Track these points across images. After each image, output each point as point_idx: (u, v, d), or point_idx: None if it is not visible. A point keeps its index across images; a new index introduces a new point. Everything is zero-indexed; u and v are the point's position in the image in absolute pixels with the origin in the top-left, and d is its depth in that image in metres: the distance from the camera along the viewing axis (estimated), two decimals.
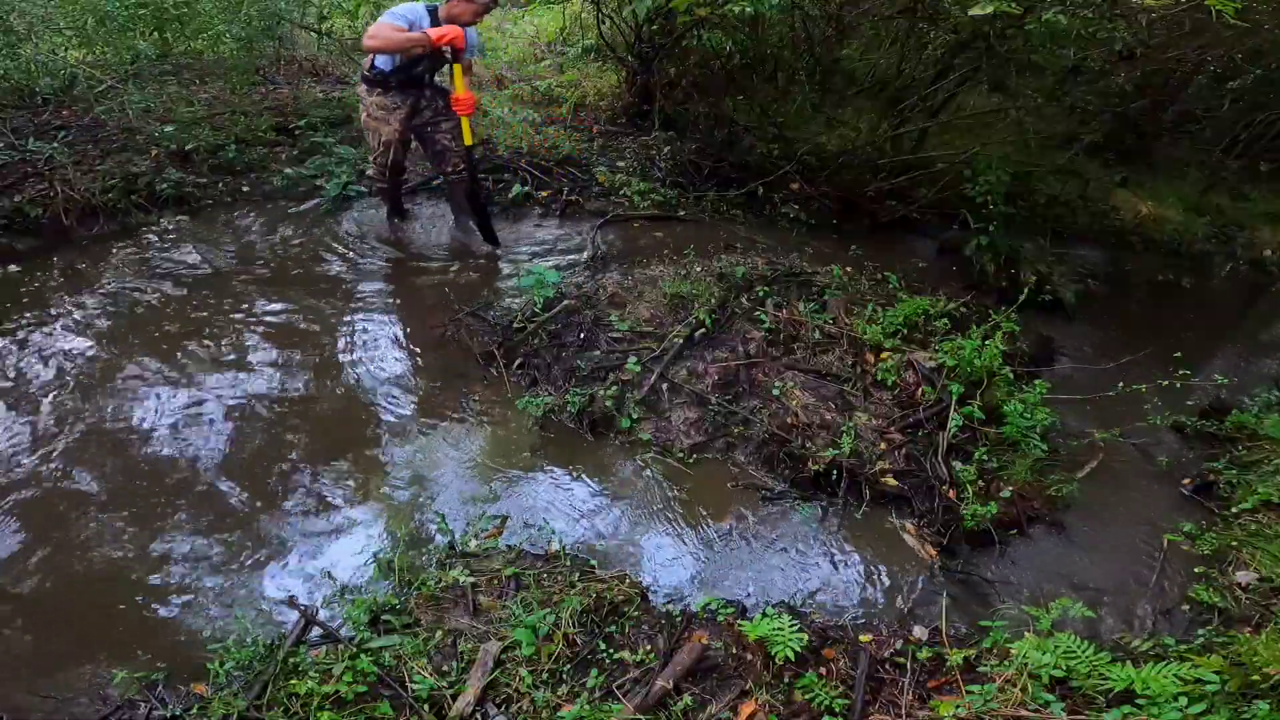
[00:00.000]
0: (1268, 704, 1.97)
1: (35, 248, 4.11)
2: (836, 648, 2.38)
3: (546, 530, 2.79)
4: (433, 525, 2.75)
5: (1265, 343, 4.91)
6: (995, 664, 2.30)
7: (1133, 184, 6.01)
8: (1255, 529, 3.04)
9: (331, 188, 4.77)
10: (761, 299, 3.90)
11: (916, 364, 3.60)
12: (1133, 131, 6.02)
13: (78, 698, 2.15)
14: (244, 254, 4.26)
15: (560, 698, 2.13)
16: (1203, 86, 5.75)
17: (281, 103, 5.58)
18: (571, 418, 3.32)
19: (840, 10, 5.26)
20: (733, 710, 2.15)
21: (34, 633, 2.33)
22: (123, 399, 3.19)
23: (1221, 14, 3.08)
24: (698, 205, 5.11)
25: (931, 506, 3.07)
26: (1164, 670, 2.07)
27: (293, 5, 5.78)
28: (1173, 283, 5.43)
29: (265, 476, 2.94)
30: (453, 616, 2.37)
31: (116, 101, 5.02)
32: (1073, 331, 4.59)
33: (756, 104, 5.37)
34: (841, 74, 5.94)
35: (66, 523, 2.66)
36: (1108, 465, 3.47)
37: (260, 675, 2.15)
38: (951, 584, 2.83)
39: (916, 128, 5.23)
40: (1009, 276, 4.66)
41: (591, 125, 5.85)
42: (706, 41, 5.28)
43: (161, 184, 4.51)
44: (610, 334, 3.66)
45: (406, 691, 2.12)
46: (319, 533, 2.74)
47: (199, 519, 2.74)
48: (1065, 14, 3.80)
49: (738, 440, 3.31)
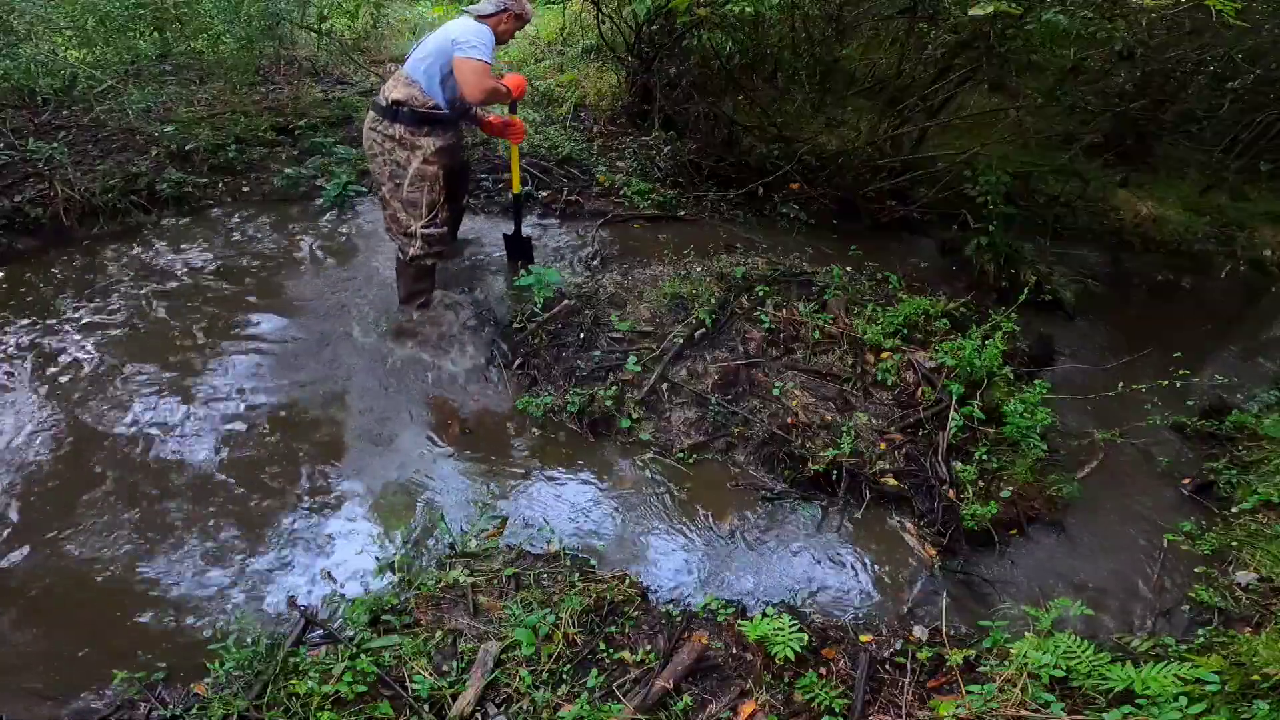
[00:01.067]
0: (1268, 704, 1.97)
1: (35, 248, 4.11)
2: (836, 648, 2.39)
3: (546, 530, 2.79)
4: (433, 525, 2.75)
5: (1265, 343, 4.91)
6: (995, 664, 2.30)
7: (1133, 184, 6.01)
8: (1255, 529, 3.04)
9: (331, 188, 4.77)
10: (761, 299, 3.90)
11: (916, 364, 3.60)
12: (1133, 131, 6.02)
13: (78, 697, 2.15)
14: (244, 254, 4.25)
15: (560, 698, 2.13)
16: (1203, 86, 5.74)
17: (281, 103, 5.58)
18: (571, 418, 3.32)
19: (840, 10, 5.26)
20: (733, 710, 2.15)
21: (34, 633, 2.33)
22: (122, 399, 3.19)
23: (1221, 14, 3.09)
24: (698, 205, 5.11)
25: (931, 506, 3.07)
26: (1164, 670, 2.07)
27: (293, 5, 5.76)
28: (1173, 283, 5.43)
29: (265, 477, 2.94)
30: (453, 616, 2.37)
31: (116, 101, 5.02)
32: (1073, 331, 4.59)
33: (756, 104, 5.37)
34: (841, 74, 5.94)
35: (67, 523, 2.66)
36: (1108, 465, 3.47)
37: (260, 675, 2.15)
38: (951, 584, 2.83)
39: (916, 128, 5.23)
40: (1009, 276, 4.65)
41: (591, 125, 5.85)
42: (706, 41, 5.28)
43: (161, 184, 4.51)
44: (610, 334, 3.66)
45: (406, 691, 2.12)
46: (319, 533, 2.75)
47: (199, 519, 2.74)
48: (1065, 14, 3.80)
49: (738, 440, 3.31)
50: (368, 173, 5.02)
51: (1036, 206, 5.41)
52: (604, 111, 6.04)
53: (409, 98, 3.31)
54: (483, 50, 3.22)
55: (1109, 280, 5.20)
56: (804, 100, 5.63)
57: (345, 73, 6.45)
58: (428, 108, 3.32)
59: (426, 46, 3.36)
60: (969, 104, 5.69)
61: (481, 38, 3.24)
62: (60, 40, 5.23)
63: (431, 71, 3.32)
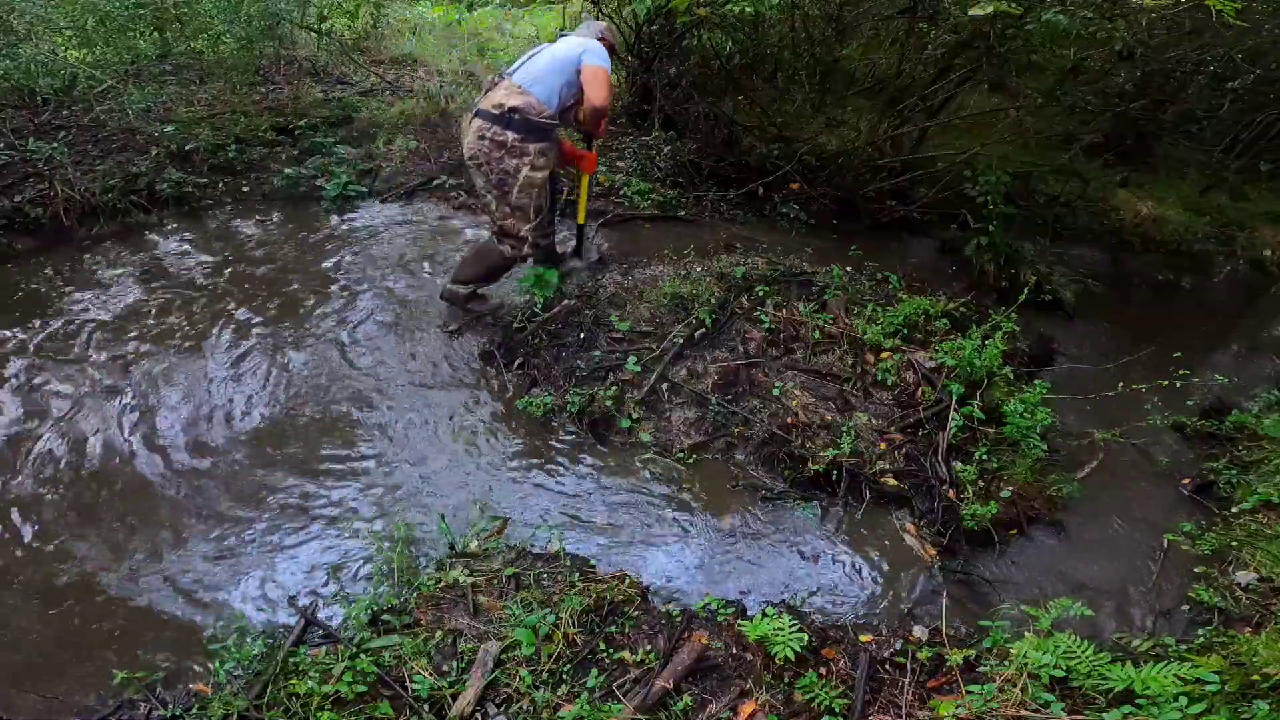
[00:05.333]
0: (1268, 704, 1.97)
1: (35, 248, 4.11)
2: (836, 648, 2.39)
3: (546, 530, 2.79)
4: (433, 525, 2.75)
5: (1265, 343, 4.91)
6: (995, 664, 2.30)
7: (1133, 184, 6.01)
8: (1255, 529, 3.04)
9: (331, 188, 4.77)
10: (761, 299, 3.90)
11: (916, 364, 3.60)
12: (1133, 131, 6.02)
13: (77, 697, 2.15)
14: (244, 254, 4.25)
15: (560, 698, 2.13)
16: (1203, 86, 5.74)
17: (281, 103, 5.58)
18: (571, 418, 3.32)
19: (840, 10, 5.26)
20: (733, 710, 2.15)
21: (34, 632, 2.33)
22: (121, 400, 3.19)
23: (1221, 14, 3.09)
24: (698, 205, 5.11)
25: (931, 506, 3.07)
26: (1164, 670, 2.07)
27: (293, 5, 5.76)
28: (1173, 283, 5.43)
29: (265, 477, 2.94)
30: (453, 616, 2.37)
31: (116, 101, 5.02)
32: (1073, 331, 4.59)
33: (756, 104, 5.37)
34: (841, 74, 5.93)
35: (67, 523, 2.67)
36: (1108, 465, 3.47)
37: (260, 675, 2.15)
38: (951, 584, 2.83)
39: (916, 128, 5.23)
40: (1009, 276, 4.66)
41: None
42: (706, 41, 5.28)
43: (161, 184, 4.51)
44: (610, 334, 3.66)
45: (406, 691, 2.12)
46: (319, 533, 2.75)
47: (200, 519, 2.74)
48: (1065, 14, 3.80)
49: (738, 440, 3.31)
50: (367, 173, 5.04)
51: (1036, 206, 5.41)
52: None
53: (525, 106, 3.34)
54: (608, 62, 3.40)
55: (1109, 280, 5.21)
56: (804, 100, 5.63)
57: (345, 73, 6.45)
58: (543, 117, 3.36)
59: (541, 59, 3.45)
60: (969, 104, 5.69)
61: (604, 53, 3.43)
62: (60, 40, 5.22)
63: (551, 83, 3.39)
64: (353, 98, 5.88)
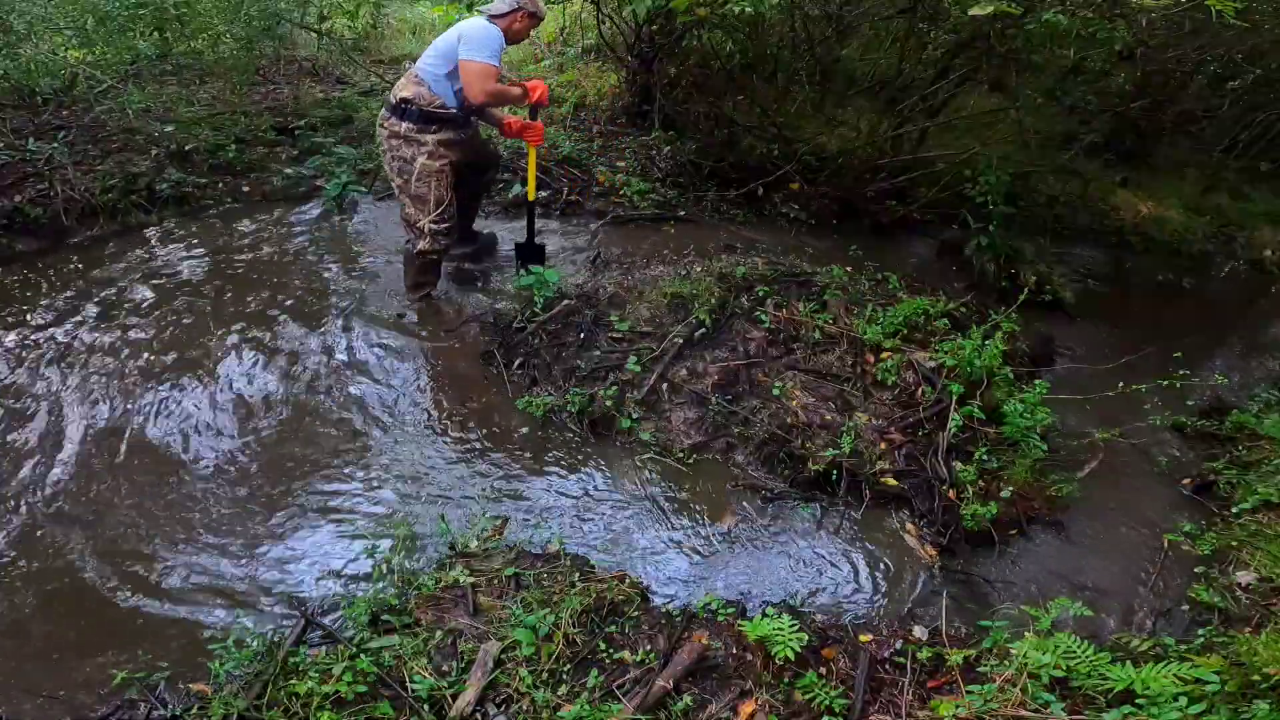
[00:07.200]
0: (1268, 704, 1.97)
1: (35, 248, 4.11)
2: (836, 648, 2.39)
3: (546, 530, 2.79)
4: (433, 525, 2.75)
5: (1265, 343, 4.91)
6: (995, 664, 2.30)
7: (1133, 184, 6.01)
8: (1255, 529, 3.04)
9: (331, 188, 4.77)
10: (761, 299, 3.90)
11: (916, 364, 3.60)
12: (1133, 131, 6.03)
13: (77, 697, 2.15)
14: (243, 254, 4.25)
15: (560, 698, 2.13)
16: (1203, 86, 5.75)
17: (281, 103, 5.58)
18: (572, 418, 3.32)
19: (840, 10, 5.27)
20: (733, 710, 2.15)
21: (34, 632, 2.33)
22: (121, 400, 3.19)
23: (1221, 14, 3.09)
24: (698, 205, 5.11)
25: (931, 506, 3.07)
26: (1164, 670, 2.07)
27: (293, 5, 5.77)
28: (1173, 283, 5.44)
29: (265, 477, 2.94)
30: (453, 616, 2.37)
31: (116, 101, 5.02)
32: (1073, 331, 4.59)
33: (756, 104, 5.37)
34: (841, 74, 5.94)
35: (66, 523, 2.66)
36: (1108, 465, 3.47)
37: (260, 675, 2.15)
38: (951, 584, 2.83)
39: (916, 128, 5.23)
40: (1009, 276, 4.66)
41: (591, 125, 5.85)
42: (706, 41, 5.28)
43: (161, 184, 4.51)
44: (610, 334, 3.66)
45: (406, 691, 2.12)
46: (319, 533, 2.74)
47: (199, 519, 2.74)
48: (1065, 14, 3.80)
49: (738, 440, 3.31)
50: (368, 173, 5.04)
51: (1036, 206, 5.41)
52: (604, 111, 6.04)
53: (416, 96, 3.39)
54: (487, 53, 3.25)
55: (1109, 280, 5.21)
56: (804, 100, 5.64)
57: (345, 73, 6.45)
58: (434, 106, 3.38)
59: (436, 46, 3.42)
60: (969, 104, 5.70)
61: (488, 39, 3.28)
62: (60, 40, 5.23)
63: (438, 71, 3.39)
64: (353, 98, 5.89)
